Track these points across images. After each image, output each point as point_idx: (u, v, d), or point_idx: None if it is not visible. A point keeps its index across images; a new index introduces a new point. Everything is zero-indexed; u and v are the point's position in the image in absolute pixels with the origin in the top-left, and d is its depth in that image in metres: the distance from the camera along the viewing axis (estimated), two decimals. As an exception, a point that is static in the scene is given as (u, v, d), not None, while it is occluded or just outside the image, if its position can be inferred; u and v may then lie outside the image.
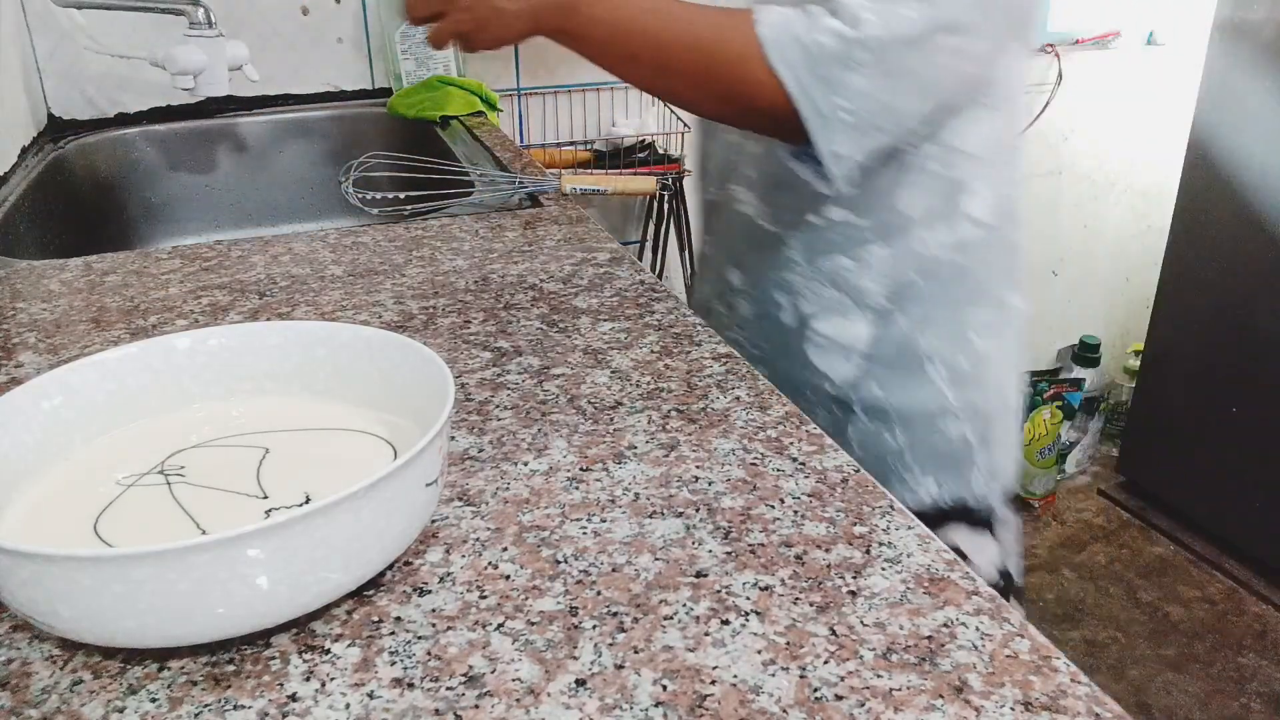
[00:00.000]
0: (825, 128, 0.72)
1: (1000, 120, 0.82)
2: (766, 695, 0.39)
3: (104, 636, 0.40)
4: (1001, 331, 0.89)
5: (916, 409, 0.87)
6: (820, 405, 0.89)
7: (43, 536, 0.46)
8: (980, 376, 0.88)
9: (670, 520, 0.51)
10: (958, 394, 0.87)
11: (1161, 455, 2.25)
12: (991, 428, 0.89)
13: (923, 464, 0.88)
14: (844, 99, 0.71)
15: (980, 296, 0.86)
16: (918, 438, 0.88)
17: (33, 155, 1.29)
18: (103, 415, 0.54)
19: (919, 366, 0.87)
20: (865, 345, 0.87)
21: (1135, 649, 1.89)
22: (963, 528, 0.90)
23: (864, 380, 0.88)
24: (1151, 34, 2.33)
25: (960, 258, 0.84)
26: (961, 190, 0.82)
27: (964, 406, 0.87)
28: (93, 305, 0.81)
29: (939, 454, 0.88)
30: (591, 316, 0.77)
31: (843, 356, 0.88)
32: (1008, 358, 0.90)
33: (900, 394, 0.87)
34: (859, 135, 0.73)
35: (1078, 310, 2.57)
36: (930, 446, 0.88)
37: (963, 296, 0.86)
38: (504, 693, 0.40)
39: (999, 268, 0.87)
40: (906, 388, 0.87)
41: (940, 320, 0.86)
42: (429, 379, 0.51)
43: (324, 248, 0.94)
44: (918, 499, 0.88)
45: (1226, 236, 2.00)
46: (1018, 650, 0.42)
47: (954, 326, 0.86)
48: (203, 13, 1.13)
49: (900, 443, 0.88)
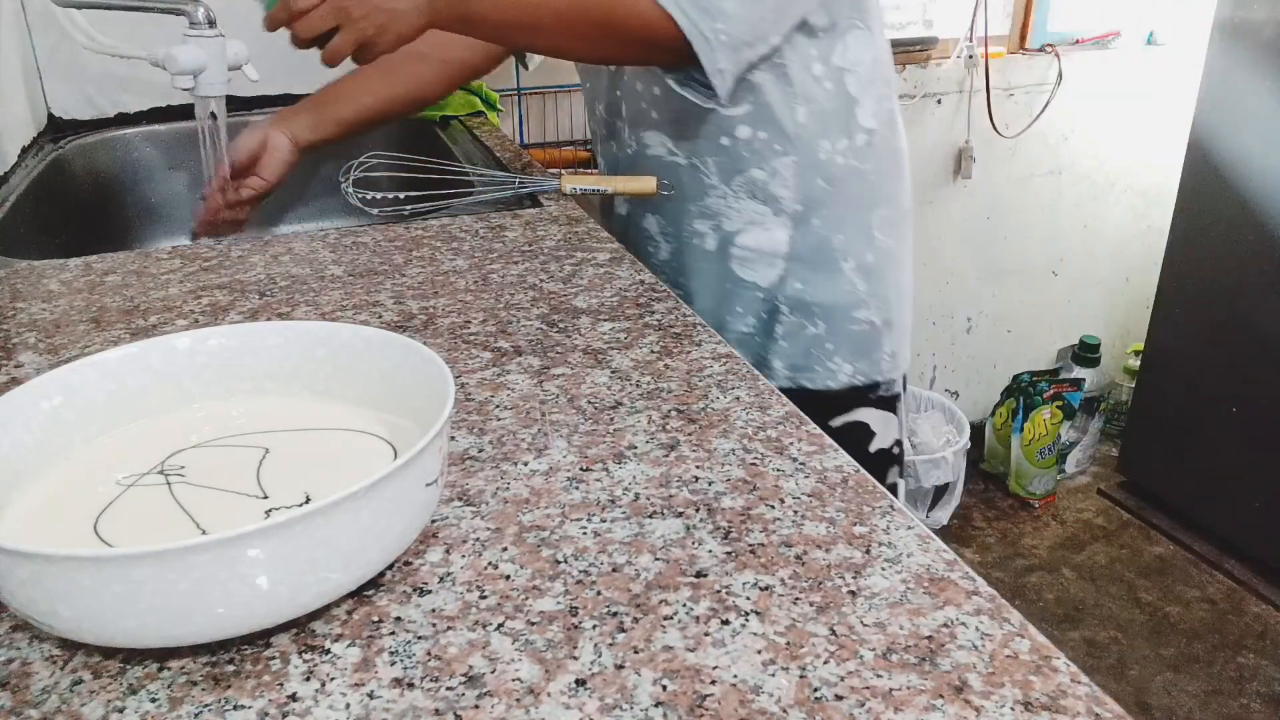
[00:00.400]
0: (710, 50, 0.85)
1: (875, 39, 0.95)
2: (766, 695, 0.39)
3: (104, 636, 0.40)
4: (898, 227, 1.02)
5: (833, 301, 1.00)
6: (749, 314, 1.02)
7: (43, 536, 0.46)
8: (884, 269, 1.01)
9: (670, 520, 0.51)
10: (867, 285, 1.00)
11: (1161, 455, 2.25)
12: (893, 314, 1.03)
13: (840, 349, 1.01)
14: (721, 23, 0.84)
15: (879, 197, 1.00)
16: (835, 326, 1.01)
17: (33, 155, 1.29)
18: (103, 415, 0.54)
19: (834, 263, 0.99)
20: (786, 248, 0.99)
21: (1135, 649, 1.89)
22: (873, 409, 1.04)
23: (787, 280, 1.00)
24: (1151, 34, 2.33)
25: (858, 163, 0.97)
26: (852, 103, 0.95)
27: (872, 296, 1.01)
28: (93, 305, 0.81)
29: (853, 339, 1.01)
30: (591, 316, 0.77)
31: (767, 263, 1.00)
32: (904, 250, 1.04)
33: (819, 289, 1.00)
34: (734, 52, 0.86)
35: (1078, 310, 2.57)
36: (846, 333, 1.01)
37: (865, 198, 0.99)
38: (504, 693, 0.40)
39: (889, 171, 1.00)
40: (824, 283, 1.00)
41: (849, 220, 0.99)
42: (429, 379, 0.51)
43: (324, 248, 0.94)
44: (838, 380, 1.02)
45: (1226, 236, 2.00)
46: (1018, 650, 0.42)
47: (860, 225, 0.99)
48: (203, 12, 1.13)
49: (821, 331, 1.01)
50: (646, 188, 0.98)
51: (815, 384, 1.01)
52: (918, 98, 2.15)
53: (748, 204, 0.98)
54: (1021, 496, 2.36)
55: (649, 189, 0.98)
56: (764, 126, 0.95)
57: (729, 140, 0.96)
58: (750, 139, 0.95)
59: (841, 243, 0.99)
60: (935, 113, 2.19)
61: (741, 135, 0.95)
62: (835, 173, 0.96)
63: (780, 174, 0.96)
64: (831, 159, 0.96)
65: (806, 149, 0.95)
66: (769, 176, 0.96)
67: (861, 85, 0.95)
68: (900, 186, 1.02)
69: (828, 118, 0.95)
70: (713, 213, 0.99)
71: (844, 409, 1.03)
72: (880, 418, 1.05)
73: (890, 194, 1.00)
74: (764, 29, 0.87)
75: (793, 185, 0.96)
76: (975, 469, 2.46)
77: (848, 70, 0.94)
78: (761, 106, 0.94)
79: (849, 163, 0.96)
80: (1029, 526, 2.28)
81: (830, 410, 1.02)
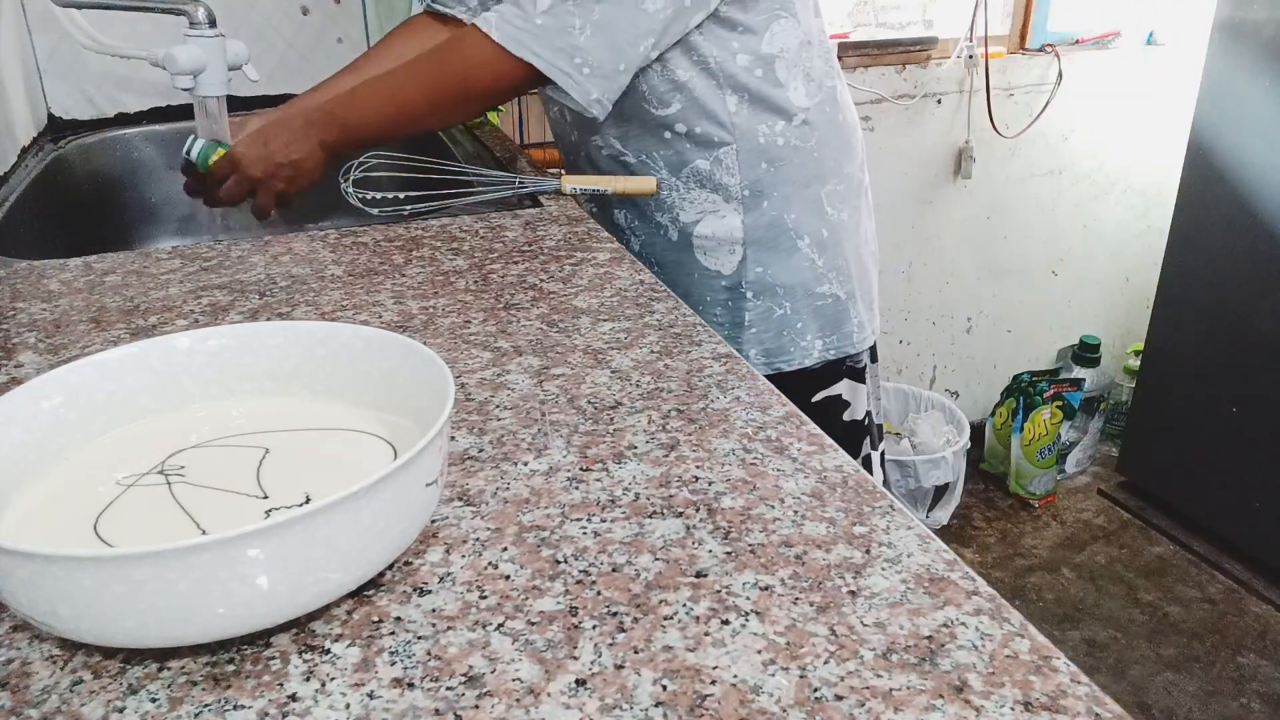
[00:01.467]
0: (578, 85, 0.90)
1: (802, 24, 0.98)
2: (766, 695, 0.39)
3: (104, 636, 0.40)
4: (849, 199, 1.05)
5: (796, 280, 1.03)
6: (717, 303, 1.05)
7: (43, 536, 0.46)
8: (839, 241, 1.04)
9: (670, 520, 0.51)
10: (825, 259, 1.03)
11: (1161, 455, 2.25)
12: (855, 285, 1.06)
13: (809, 326, 1.04)
14: (579, 58, 0.89)
15: (825, 172, 1.02)
16: (801, 304, 1.04)
17: (33, 155, 1.29)
18: (103, 415, 0.54)
19: (790, 242, 1.02)
20: (741, 233, 1.02)
21: (1135, 649, 1.89)
22: (847, 381, 1.08)
23: (747, 264, 1.03)
24: (1151, 34, 2.33)
25: (800, 142, 1.00)
26: (781, 86, 0.98)
27: (831, 269, 1.04)
28: (93, 305, 0.81)
29: (821, 315, 1.04)
30: (591, 316, 0.77)
31: (727, 250, 1.03)
32: (859, 222, 1.08)
33: (779, 269, 1.03)
34: (605, 80, 0.91)
35: (1078, 310, 2.57)
36: (813, 310, 1.04)
37: (811, 175, 1.02)
38: (504, 693, 0.40)
39: (834, 145, 1.03)
40: (783, 262, 1.03)
41: (798, 198, 1.02)
42: (429, 379, 0.51)
43: (324, 248, 0.94)
44: (812, 358, 1.05)
45: (1226, 236, 2.00)
46: (1018, 650, 0.42)
47: (811, 202, 1.02)
48: (203, 13, 1.13)
49: (788, 311, 1.04)
50: (646, 188, 0.99)
51: (791, 365, 1.04)
52: (918, 98, 2.15)
53: (698, 193, 1.01)
54: (1021, 496, 2.36)
55: (649, 189, 0.99)
56: (699, 120, 0.98)
57: (670, 135, 1.00)
58: (688, 133, 0.99)
59: (794, 221, 1.01)
60: (935, 113, 2.19)
61: (679, 130, 0.99)
62: (777, 154, 1.00)
63: (723, 162, 0.99)
64: (772, 141, 0.99)
65: (745, 135, 0.98)
66: (713, 166, 1.00)
67: (789, 68, 0.98)
68: (848, 159, 1.05)
69: (760, 103, 0.98)
70: (668, 205, 1.03)
71: (824, 384, 1.07)
72: (853, 390, 1.08)
73: (837, 167, 1.03)
74: (629, 52, 0.90)
75: (737, 171, 1.00)
76: (975, 469, 2.46)
77: (776, 56, 0.97)
78: (692, 101, 0.97)
79: (790, 142, 1.00)
80: (1029, 526, 2.28)
81: (811, 387, 1.06)
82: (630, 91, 0.96)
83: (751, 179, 1.00)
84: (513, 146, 1.32)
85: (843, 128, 1.04)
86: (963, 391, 2.54)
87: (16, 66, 1.31)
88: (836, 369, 1.07)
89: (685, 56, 0.96)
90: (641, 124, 1.01)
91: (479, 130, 1.40)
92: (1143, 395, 2.28)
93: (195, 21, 1.14)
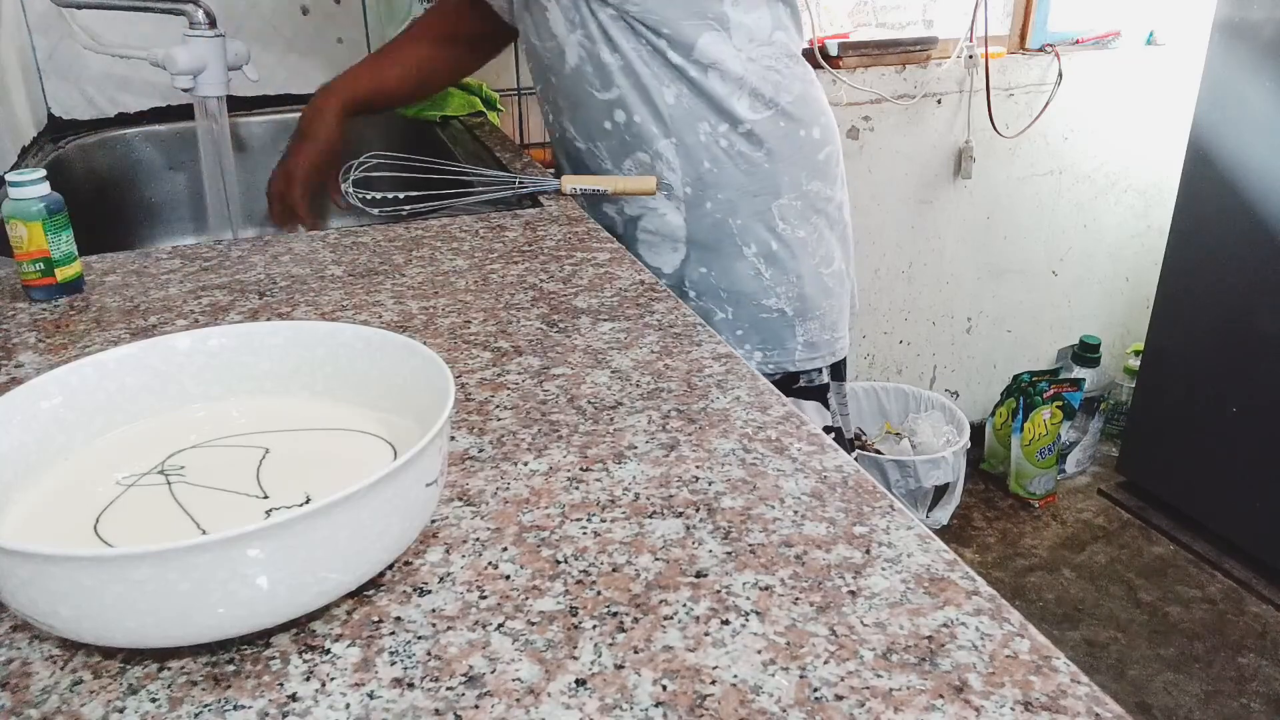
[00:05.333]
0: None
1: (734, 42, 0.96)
2: (766, 695, 0.39)
3: (104, 636, 0.40)
4: (810, 218, 1.02)
5: (739, 286, 1.01)
6: None
7: (43, 536, 0.46)
8: (793, 257, 1.01)
9: (670, 520, 0.51)
10: (773, 273, 1.01)
11: (1161, 455, 2.25)
12: (808, 305, 1.03)
13: (749, 336, 1.03)
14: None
15: (779, 186, 1.00)
16: (743, 312, 1.02)
17: (33, 155, 1.29)
18: (103, 415, 0.54)
19: (735, 248, 1.01)
20: (683, 232, 1.01)
21: (1135, 649, 1.89)
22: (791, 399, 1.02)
23: (690, 264, 1.02)
24: (1151, 34, 2.33)
25: (747, 149, 0.98)
26: (725, 96, 0.96)
27: (779, 284, 1.01)
28: (93, 305, 0.81)
29: (761, 326, 1.02)
30: (591, 316, 0.77)
31: (670, 247, 1.02)
32: (823, 242, 1.04)
33: (722, 273, 1.02)
34: None
35: (1078, 310, 2.57)
36: (755, 320, 1.02)
37: (760, 185, 0.99)
38: (504, 693, 0.40)
39: (790, 160, 1.00)
40: (726, 267, 1.01)
41: (743, 206, 0.99)
42: (429, 379, 0.51)
43: (324, 248, 0.94)
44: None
45: (1226, 236, 2.00)
46: (1018, 650, 0.42)
47: (759, 212, 1.00)
48: (203, 13, 1.13)
49: (729, 316, 1.02)
50: (646, 187, 0.99)
51: None
52: (917, 98, 2.15)
53: None
54: (1021, 496, 2.36)
55: (649, 189, 0.99)
56: (638, 108, 0.98)
57: (610, 124, 1.00)
58: (627, 122, 0.99)
59: (739, 227, 1.00)
60: (935, 113, 2.19)
61: (619, 119, 0.99)
62: (719, 155, 0.98)
63: (664, 156, 0.99)
64: (714, 141, 0.98)
65: (683, 130, 0.98)
66: (652, 159, 0.99)
67: (729, 84, 0.97)
68: (810, 177, 1.02)
69: (698, 103, 0.97)
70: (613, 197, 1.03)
71: None
72: (808, 407, 1.06)
73: (794, 183, 1.01)
74: None
75: (678, 168, 0.99)
76: (975, 469, 2.46)
77: (709, 66, 0.96)
78: (630, 89, 0.97)
79: (735, 146, 0.98)
80: (1029, 526, 2.28)
81: None
82: (576, 71, 0.97)
83: (693, 177, 0.99)
84: (513, 146, 1.32)
85: (804, 144, 1.02)
86: (963, 391, 2.54)
87: (16, 66, 1.31)
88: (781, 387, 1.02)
89: (627, 38, 0.95)
90: (586, 107, 1.01)
91: (479, 130, 1.40)
92: (1143, 395, 2.28)
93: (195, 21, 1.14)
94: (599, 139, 1.01)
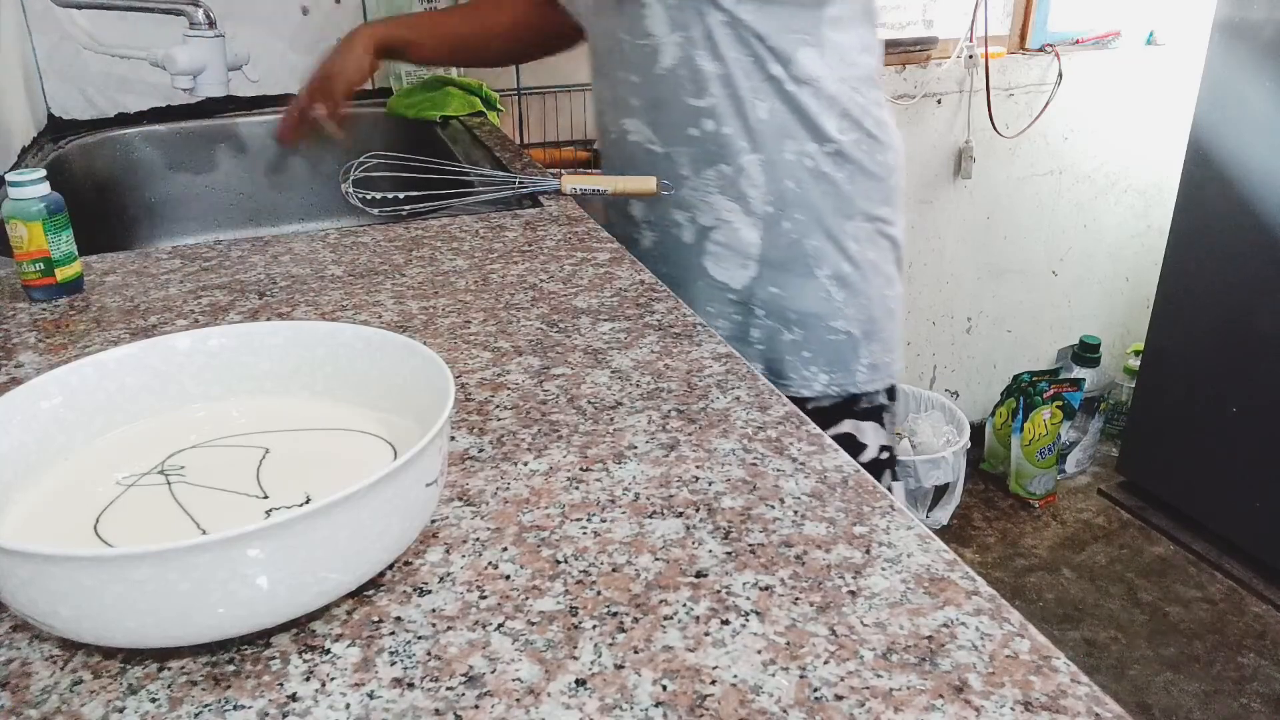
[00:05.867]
0: None
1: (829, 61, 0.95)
2: (766, 695, 0.39)
3: (104, 636, 0.40)
4: (877, 243, 1.02)
5: (809, 308, 1.00)
6: (722, 316, 1.02)
7: (43, 536, 0.46)
8: (866, 280, 1.01)
9: (670, 520, 0.51)
10: (844, 295, 1.00)
11: (1161, 455, 2.25)
12: (874, 328, 1.02)
13: (816, 358, 1.01)
14: None
15: (851, 209, 0.99)
16: (812, 334, 1.00)
17: (33, 155, 1.29)
18: (103, 415, 0.54)
19: (807, 269, 0.99)
20: (757, 250, 0.99)
21: (1135, 649, 1.89)
22: (857, 420, 1.04)
23: (760, 282, 1.00)
24: (1151, 34, 2.33)
25: (829, 170, 0.97)
26: (817, 114, 0.95)
27: (849, 306, 1.01)
28: (93, 305, 0.81)
29: (828, 348, 1.01)
30: (591, 316, 0.77)
31: (739, 264, 1.00)
32: (887, 268, 1.04)
33: (793, 294, 1.00)
34: None
35: (1078, 310, 2.57)
36: (821, 342, 1.01)
37: (837, 207, 0.99)
38: (504, 693, 0.40)
39: (868, 185, 1.00)
40: (798, 288, 1.00)
41: (820, 228, 0.98)
42: (429, 379, 0.51)
43: (324, 248, 0.94)
44: (811, 389, 1.02)
45: (1226, 236, 2.00)
46: (1018, 650, 0.42)
47: (833, 234, 0.99)
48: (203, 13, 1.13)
49: (798, 338, 1.01)
50: (646, 187, 0.98)
51: (789, 391, 1.01)
52: (918, 98, 2.15)
53: (719, 199, 0.98)
54: (1021, 496, 2.36)
55: (649, 189, 0.99)
56: (730, 119, 0.95)
57: (697, 131, 0.97)
58: (715, 132, 0.96)
59: (814, 249, 0.99)
60: (935, 113, 2.19)
61: (707, 128, 0.96)
62: (803, 175, 0.97)
63: (747, 171, 0.97)
64: (800, 160, 0.96)
65: (771, 147, 0.96)
66: (736, 173, 0.97)
67: (822, 102, 0.96)
68: (884, 202, 1.01)
69: (790, 119, 0.95)
70: (687, 204, 1.01)
71: (828, 423, 1.02)
72: (867, 428, 1.04)
73: (867, 208, 1.00)
74: None
75: (761, 184, 0.97)
76: (975, 469, 2.46)
77: (805, 82, 0.95)
78: (725, 99, 0.94)
79: (819, 168, 0.97)
80: (1029, 526, 2.28)
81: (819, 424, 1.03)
82: (670, 74, 0.95)
83: (775, 196, 0.97)
84: (513, 146, 1.32)
85: (881, 168, 1.01)
86: (963, 391, 2.54)
87: (16, 66, 1.31)
88: (844, 408, 1.03)
89: (732, 46, 0.93)
90: (673, 112, 0.98)
91: (479, 130, 1.40)
92: (1143, 395, 2.28)
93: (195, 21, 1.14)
94: (680, 144, 0.98)
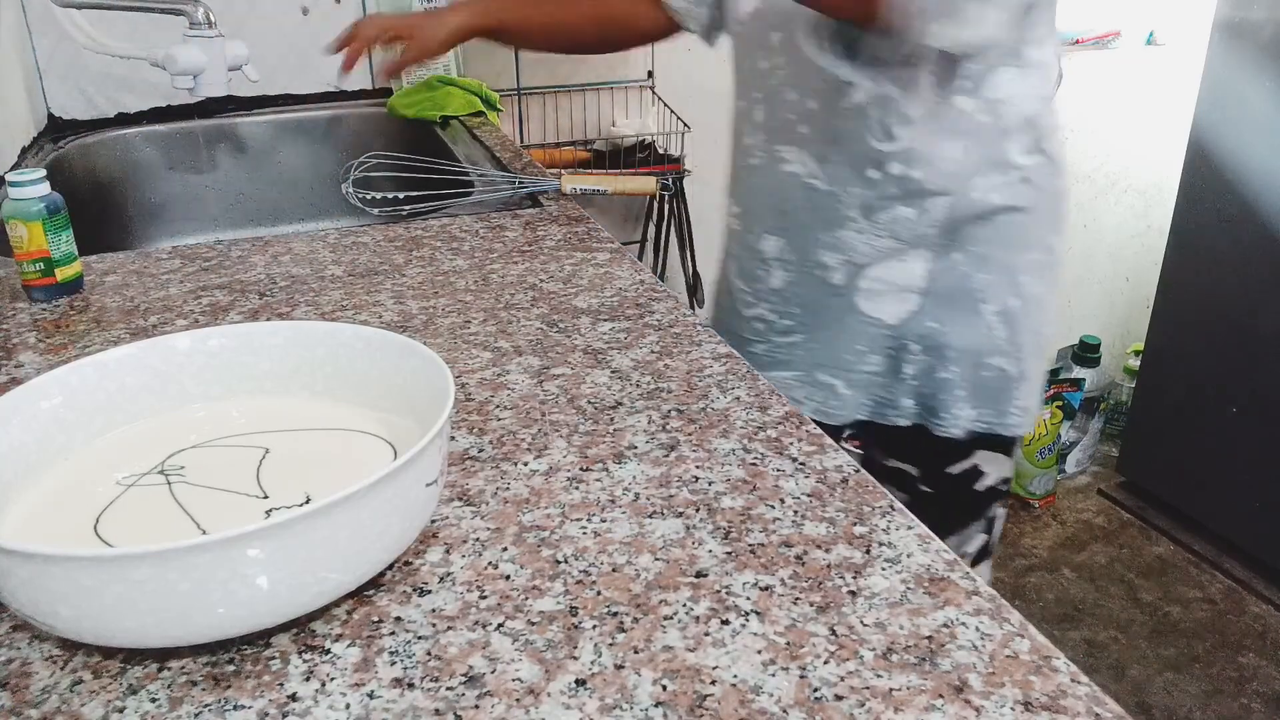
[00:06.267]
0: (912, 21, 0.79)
1: (1029, 78, 0.88)
2: (766, 695, 0.39)
3: (104, 636, 0.40)
4: (1046, 274, 0.95)
5: (969, 344, 0.92)
6: (873, 352, 0.94)
7: (43, 536, 0.46)
8: (1029, 315, 0.93)
9: (670, 520, 0.51)
10: (1008, 333, 0.92)
11: (1161, 455, 2.25)
12: (1028, 365, 0.94)
13: (970, 396, 0.93)
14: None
15: (1031, 241, 0.92)
16: (968, 371, 0.93)
17: (33, 155, 1.29)
18: (103, 415, 0.54)
19: (973, 304, 0.91)
20: (922, 282, 0.91)
21: (1135, 649, 1.89)
22: (987, 451, 0.96)
23: (920, 316, 0.92)
24: (1151, 34, 2.33)
25: (1014, 202, 0.90)
26: (1006, 139, 0.88)
27: (1011, 344, 0.93)
28: (93, 305, 0.81)
29: (984, 387, 0.93)
30: (591, 316, 0.77)
31: (896, 298, 0.92)
32: (1050, 300, 0.97)
33: (955, 329, 0.92)
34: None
35: (1078, 310, 2.56)
36: (978, 380, 0.93)
37: (1016, 240, 0.91)
38: (504, 693, 0.40)
39: (1047, 213, 0.93)
40: (961, 323, 0.92)
41: (995, 261, 0.91)
42: (429, 379, 0.51)
43: (324, 248, 0.94)
44: (958, 426, 0.93)
45: (1226, 236, 2.00)
46: (1018, 650, 0.42)
47: (1007, 268, 0.91)
48: (203, 13, 1.13)
49: (953, 376, 0.93)
50: (646, 187, 0.98)
51: (936, 430, 0.94)
52: (918, 98, 2.14)
53: (887, 242, 0.90)
54: (1021, 496, 2.36)
55: (649, 189, 0.98)
56: (918, 164, 0.87)
57: (878, 174, 0.88)
58: (903, 175, 0.88)
59: (984, 283, 0.91)
60: (935, 113, 2.19)
61: (893, 171, 0.88)
62: (986, 212, 0.89)
63: (930, 212, 0.89)
64: (986, 197, 0.89)
65: (961, 187, 0.88)
66: (917, 215, 0.89)
67: (1015, 120, 0.88)
68: (1054, 230, 0.95)
69: (981, 152, 0.88)
70: (845, 246, 0.91)
71: (962, 455, 0.97)
72: (992, 459, 0.98)
73: (1042, 238, 0.93)
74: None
75: (942, 222, 0.89)
76: (975, 469, 2.45)
77: (1001, 102, 0.87)
78: (916, 141, 0.87)
79: (1005, 201, 0.90)
80: (1029, 526, 2.28)
81: (949, 458, 0.97)
82: (859, 111, 0.87)
83: (953, 231, 0.89)
84: (512, 146, 1.32)
85: (1058, 194, 0.94)
86: (963, 391, 2.54)
87: (16, 66, 1.31)
88: (981, 441, 0.95)
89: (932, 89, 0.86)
90: (850, 152, 0.89)
91: (479, 130, 1.40)
92: (1143, 395, 2.28)
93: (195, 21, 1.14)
94: (854, 185, 0.89)
